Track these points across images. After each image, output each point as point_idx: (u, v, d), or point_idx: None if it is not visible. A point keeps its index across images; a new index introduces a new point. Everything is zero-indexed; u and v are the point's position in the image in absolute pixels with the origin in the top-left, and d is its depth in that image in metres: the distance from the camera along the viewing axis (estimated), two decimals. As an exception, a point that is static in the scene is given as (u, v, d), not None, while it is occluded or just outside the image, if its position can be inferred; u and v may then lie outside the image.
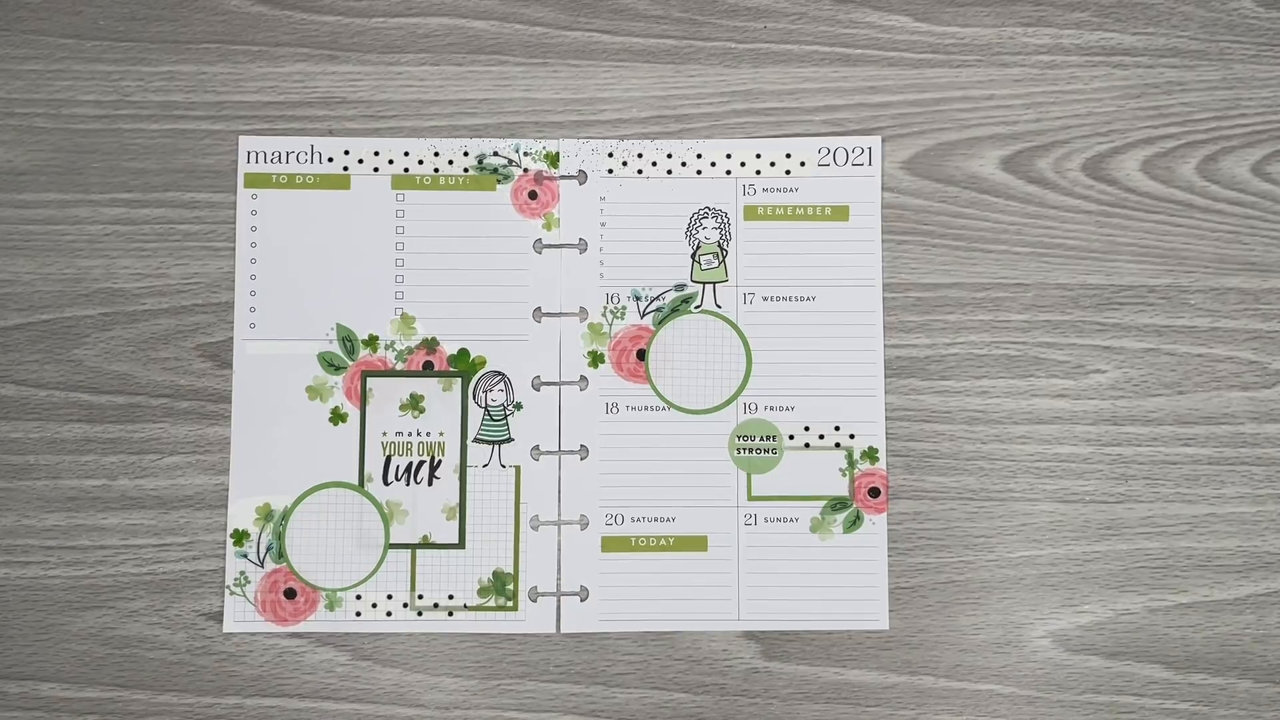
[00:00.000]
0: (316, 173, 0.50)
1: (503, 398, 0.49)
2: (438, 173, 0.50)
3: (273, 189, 0.50)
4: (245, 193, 0.50)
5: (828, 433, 0.49)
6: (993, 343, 0.49)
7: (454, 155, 0.50)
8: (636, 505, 0.49)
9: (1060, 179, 0.50)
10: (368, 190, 0.50)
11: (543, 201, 0.50)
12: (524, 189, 0.50)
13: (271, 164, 0.50)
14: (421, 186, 0.50)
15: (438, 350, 0.50)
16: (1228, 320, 0.49)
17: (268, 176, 0.50)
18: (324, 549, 0.49)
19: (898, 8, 0.51)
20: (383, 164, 0.50)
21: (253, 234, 0.50)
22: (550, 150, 0.50)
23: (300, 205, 0.50)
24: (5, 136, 0.50)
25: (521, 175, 0.50)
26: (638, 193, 0.50)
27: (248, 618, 0.48)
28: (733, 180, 0.50)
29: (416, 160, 0.50)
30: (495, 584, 0.48)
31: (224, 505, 0.48)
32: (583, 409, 0.49)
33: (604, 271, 0.50)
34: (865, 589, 0.48)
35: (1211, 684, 0.48)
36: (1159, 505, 0.49)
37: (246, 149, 0.50)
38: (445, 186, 0.50)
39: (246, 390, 0.49)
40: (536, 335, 0.50)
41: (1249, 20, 0.51)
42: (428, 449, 0.49)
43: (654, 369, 0.50)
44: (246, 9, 0.51)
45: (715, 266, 0.50)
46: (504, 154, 0.50)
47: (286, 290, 0.49)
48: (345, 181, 0.50)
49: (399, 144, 0.50)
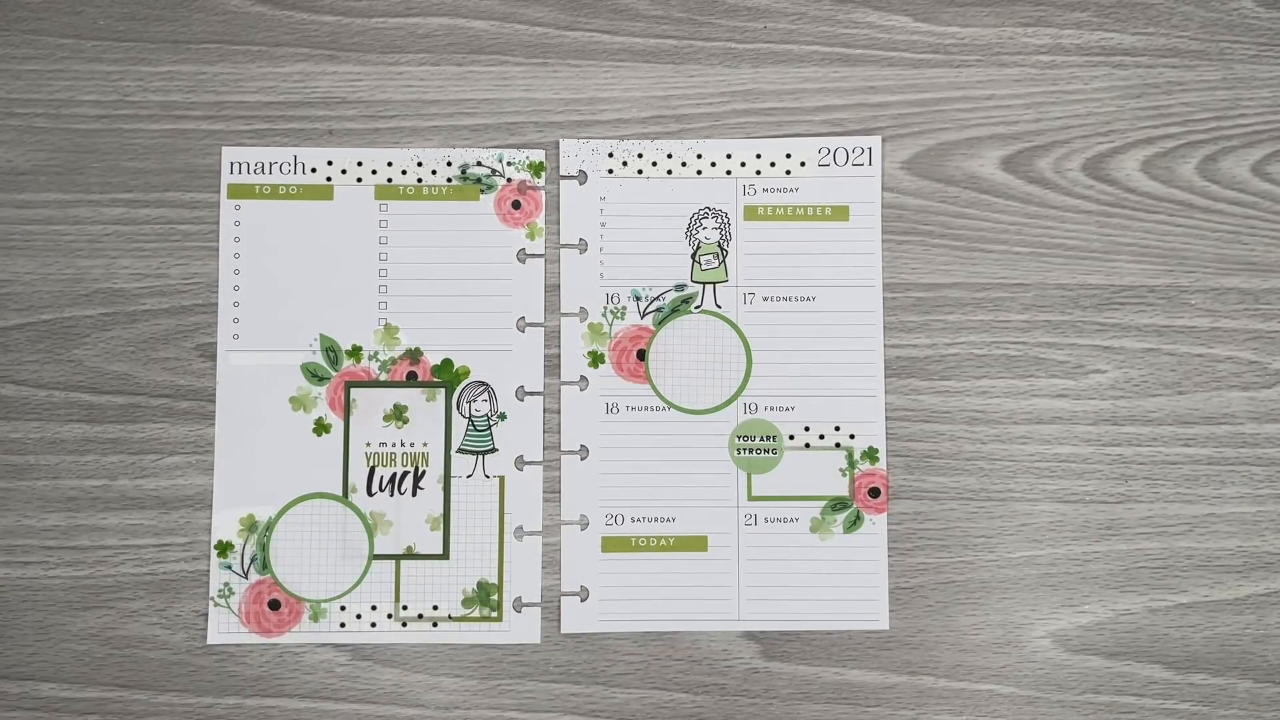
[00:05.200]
0: (300, 183, 0.50)
1: (486, 408, 0.49)
2: (421, 183, 0.50)
3: (256, 199, 0.50)
4: (229, 203, 0.50)
5: (828, 433, 0.49)
6: (993, 343, 0.49)
7: (437, 165, 0.50)
8: (637, 505, 0.49)
9: (1060, 179, 0.50)
10: (351, 201, 0.50)
11: (526, 211, 0.50)
12: (507, 199, 0.50)
13: (255, 175, 0.50)
14: (405, 197, 0.50)
15: (421, 360, 0.49)
16: (1228, 320, 0.49)
17: (251, 187, 0.50)
18: (308, 560, 0.48)
19: (898, 8, 0.51)
20: (366, 174, 0.50)
21: (236, 244, 0.49)
22: (534, 160, 0.50)
23: (283, 216, 0.50)
24: (5, 136, 0.50)
25: (505, 185, 0.50)
26: (638, 193, 0.50)
27: (232, 629, 0.48)
28: (733, 180, 0.50)
29: (400, 170, 0.50)
30: (479, 594, 0.48)
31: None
32: (583, 409, 0.49)
33: (604, 272, 0.50)
34: (865, 589, 0.48)
35: (1211, 684, 0.48)
36: (1159, 505, 0.49)
37: (230, 159, 0.50)
38: (428, 197, 0.50)
39: (230, 401, 0.49)
40: (520, 345, 0.50)
41: (1249, 20, 0.51)
42: (411, 459, 0.49)
43: (654, 369, 0.50)
44: (246, 9, 0.51)
45: (715, 267, 0.50)
46: (487, 164, 0.50)
47: (270, 301, 0.49)
48: (329, 192, 0.50)
49: (382, 154, 0.50)
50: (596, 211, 0.50)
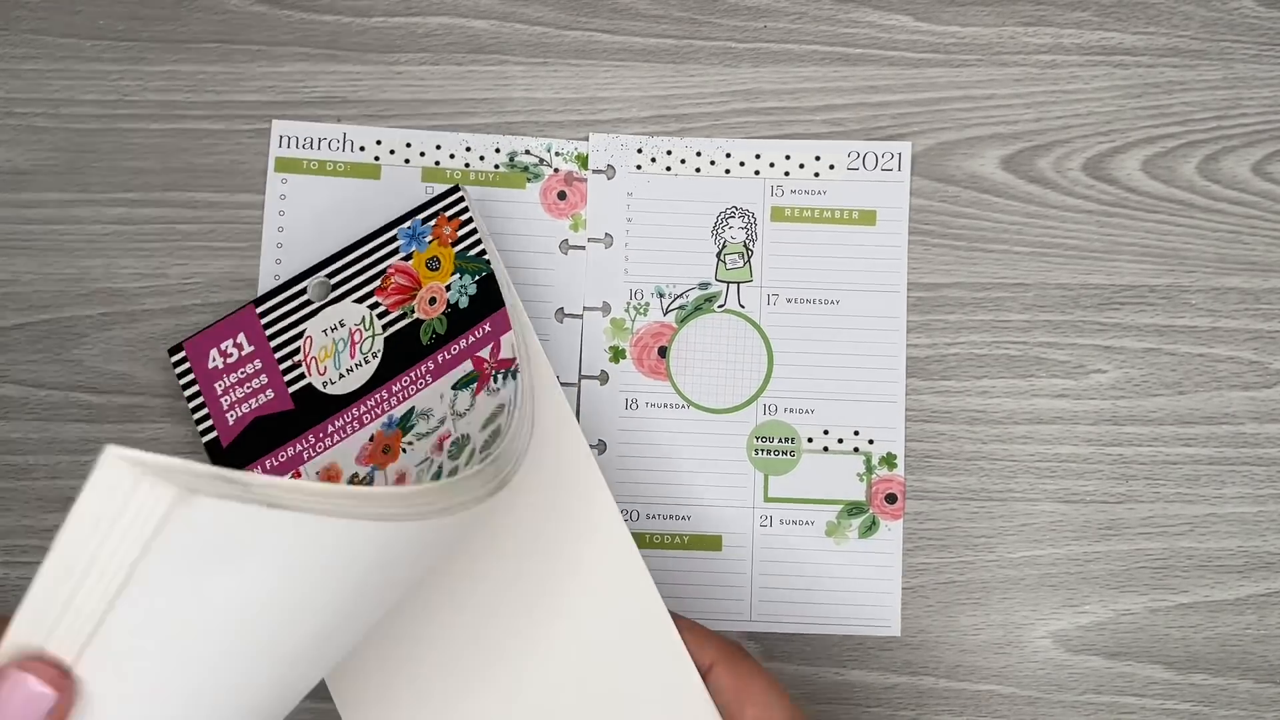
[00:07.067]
0: (348, 161, 0.50)
1: None
2: (468, 167, 0.50)
3: (303, 174, 0.50)
4: (275, 177, 0.50)
5: (846, 437, 0.49)
6: (993, 343, 0.49)
7: (485, 151, 0.50)
8: (652, 502, 0.49)
9: (1061, 179, 0.50)
10: (398, 181, 0.50)
11: (571, 202, 0.50)
12: (553, 189, 0.50)
13: (304, 149, 0.50)
14: (451, 180, 0.50)
15: None
16: (1228, 320, 0.49)
17: (299, 162, 0.50)
18: None
19: (898, 8, 0.51)
20: (414, 156, 0.50)
21: (280, 218, 0.49)
22: (581, 152, 0.50)
23: (329, 192, 0.50)
24: (5, 136, 0.50)
25: (551, 175, 0.50)
26: (665, 190, 0.50)
27: None
28: (761, 180, 0.50)
29: (448, 154, 0.50)
30: None
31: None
32: (602, 404, 0.49)
33: (628, 268, 0.50)
34: (879, 595, 0.48)
35: (1212, 684, 0.48)
36: (1159, 505, 0.49)
37: (279, 133, 0.50)
38: (475, 182, 0.50)
39: None
40: (557, 336, 0.50)
41: (1250, 20, 0.51)
42: None
43: (675, 367, 0.50)
44: (246, 9, 0.51)
45: (740, 266, 0.50)
46: (535, 153, 0.50)
47: None
48: (376, 171, 0.50)
49: (431, 137, 0.50)
50: (623, 207, 0.50)
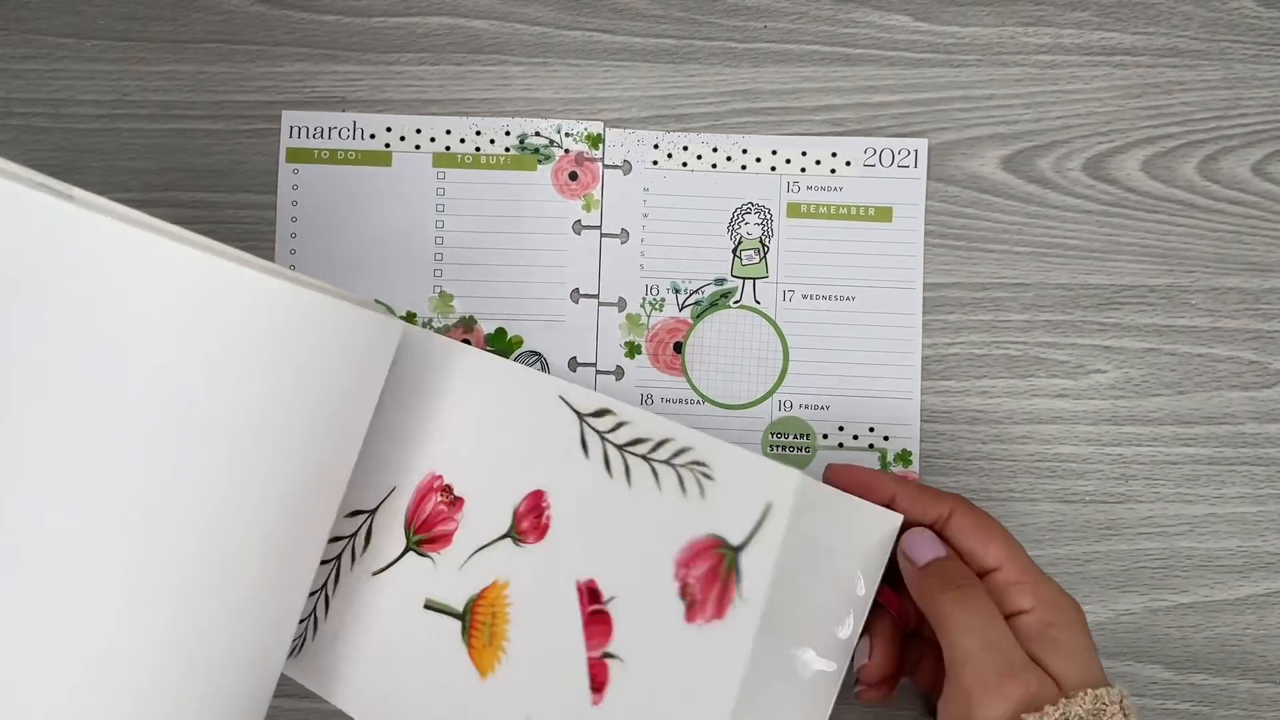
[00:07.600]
0: (358, 149, 0.50)
1: None
2: (479, 151, 0.50)
3: (314, 164, 0.50)
4: (287, 167, 0.50)
5: (861, 434, 0.49)
6: (993, 343, 0.49)
7: (496, 134, 0.50)
8: None
9: (1060, 179, 0.50)
10: (409, 168, 0.50)
11: (583, 183, 0.50)
12: (565, 169, 0.50)
13: (314, 139, 0.50)
14: (463, 165, 0.50)
15: (475, 329, 0.49)
16: (1228, 320, 0.49)
17: (310, 151, 0.50)
18: None
19: (898, 8, 0.51)
20: (424, 141, 0.50)
21: (293, 209, 0.50)
22: (592, 132, 0.50)
23: (341, 181, 0.50)
24: (5, 136, 0.50)
25: (563, 156, 0.50)
26: (681, 185, 0.50)
27: None
28: (777, 176, 0.50)
29: (458, 139, 0.50)
30: None
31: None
32: (618, 399, 0.49)
33: (644, 263, 0.50)
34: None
35: (1212, 684, 0.48)
36: (1159, 505, 0.49)
37: (289, 123, 0.50)
38: (486, 166, 0.50)
39: None
40: (574, 316, 0.50)
41: (1250, 20, 0.51)
42: None
43: (690, 362, 0.50)
44: (246, 9, 0.51)
45: (756, 262, 0.50)
46: (545, 134, 0.50)
47: (325, 266, 0.49)
48: (387, 159, 0.50)
49: (441, 122, 0.50)
50: (639, 202, 0.50)
